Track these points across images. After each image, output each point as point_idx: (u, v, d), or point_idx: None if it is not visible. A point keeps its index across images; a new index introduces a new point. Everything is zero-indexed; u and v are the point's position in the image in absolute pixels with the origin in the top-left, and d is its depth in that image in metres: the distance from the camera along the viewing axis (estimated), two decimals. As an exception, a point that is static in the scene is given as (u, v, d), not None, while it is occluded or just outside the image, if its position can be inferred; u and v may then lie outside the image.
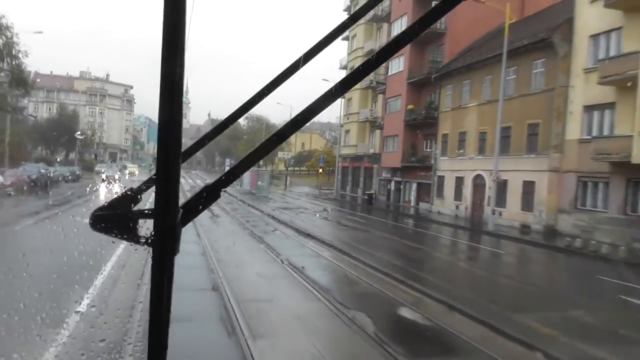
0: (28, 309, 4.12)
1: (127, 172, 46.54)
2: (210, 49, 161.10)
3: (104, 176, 34.11)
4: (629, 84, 15.24)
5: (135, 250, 0.71)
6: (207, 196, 0.69)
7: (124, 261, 8.39)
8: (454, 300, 7.62)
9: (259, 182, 34.10)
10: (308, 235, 14.45)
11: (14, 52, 23.93)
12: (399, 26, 29.54)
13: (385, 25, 34.09)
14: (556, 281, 12.11)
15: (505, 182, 20.62)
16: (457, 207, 24.21)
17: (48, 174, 27.85)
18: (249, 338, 5.37)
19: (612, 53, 16.77)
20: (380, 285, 8.55)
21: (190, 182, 40.96)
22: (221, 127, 0.92)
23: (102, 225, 0.69)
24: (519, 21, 24.03)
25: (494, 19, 22.66)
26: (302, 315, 6.89)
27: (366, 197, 31.06)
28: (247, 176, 40.19)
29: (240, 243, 12.64)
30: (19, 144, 32.01)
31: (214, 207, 23.31)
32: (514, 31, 20.08)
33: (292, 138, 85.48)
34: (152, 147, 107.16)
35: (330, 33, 0.91)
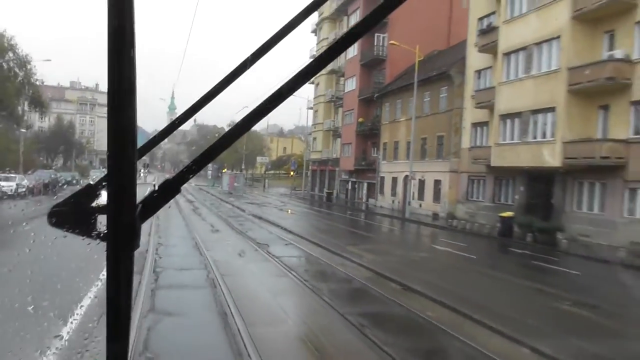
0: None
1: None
2: (197, 57, 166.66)
3: (91, 181, 37.89)
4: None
5: (88, 244, 0.71)
6: (166, 191, 0.70)
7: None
8: (367, 263, 13.76)
9: (236, 184, 40.34)
10: (259, 218, 20.85)
11: (32, 81, 29.96)
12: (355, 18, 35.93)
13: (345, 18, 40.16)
14: (414, 244, 18.59)
15: (423, 181, 27.22)
16: (392, 201, 30.73)
17: (57, 179, 33.81)
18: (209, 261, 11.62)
19: (487, 85, 23.41)
20: (298, 242, 14.83)
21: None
22: (172, 126, 0.96)
23: (57, 220, 0.71)
24: (441, 51, 30.75)
25: (426, 48, 29.07)
26: (239, 247, 13.16)
27: (326, 195, 37.53)
28: (226, 178, 46.52)
29: (213, 222, 18.91)
30: (28, 153, 37.89)
31: (195, 201, 29.51)
32: (433, 61, 26.61)
33: (274, 143, 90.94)
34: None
35: (282, 29, 0.89)
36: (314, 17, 43.85)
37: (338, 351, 5.90)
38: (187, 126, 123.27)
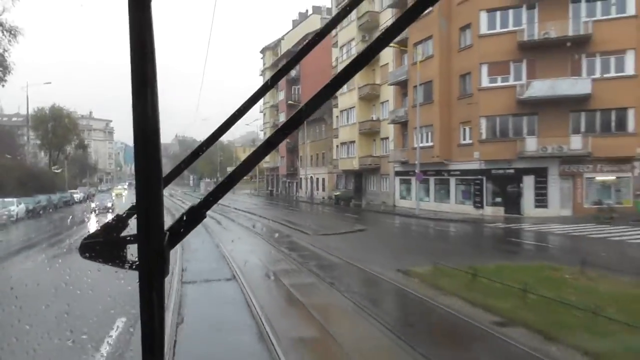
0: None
1: (113, 194, 48.10)
2: (177, 70, 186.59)
3: (94, 205, 35.16)
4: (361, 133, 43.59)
5: (122, 276, 0.77)
6: (192, 217, 0.76)
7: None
8: (283, 220, 35.33)
9: (208, 188, 61.78)
10: (227, 206, 42.44)
11: (78, 131, 50.74)
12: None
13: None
14: (308, 211, 40.09)
15: (318, 179, 49.00)
16: (306, 192, 52.42)
17: (91, 193, 55.07)
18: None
19: (350, 122, 45.01)
20: (249, 215, 36.17)
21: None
22: (196, 153, 0.98)
23: (89, 253, 0.75)
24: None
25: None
26: (218, 219, 34.56)
27: (269, 192, 59.20)
28: (203, 185, 67.95)
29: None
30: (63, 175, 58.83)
31: (184, 200, 50.85)
32: (324, 106, 48.19)
33: (245, 152, 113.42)
34: (129, 168, 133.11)
35: (299, 51, 0.93)
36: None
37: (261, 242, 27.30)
38: (168, 139, 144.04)
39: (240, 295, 9.18)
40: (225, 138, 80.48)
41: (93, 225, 24.61)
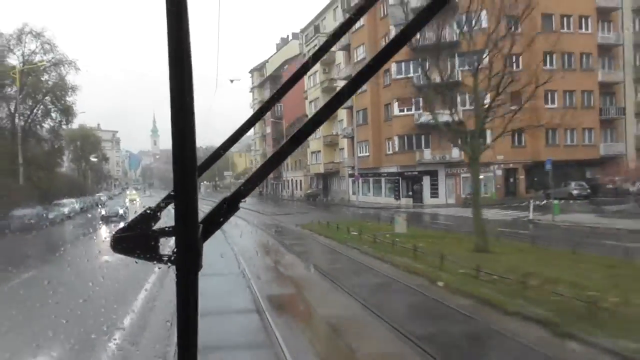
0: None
1: (127, 200, 51.27)
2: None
3: (104, 211, 35.75)
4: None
5: (159, 268, 1.76)
6: (226, 209, 0.77)
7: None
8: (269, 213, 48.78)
9: (207, 190, 75.29)
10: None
11: (99, 147, 64.05)
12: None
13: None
14: (289, 205, 53.51)
15: (297, 180, 62.47)
16: (292, 193, 65.79)
17: (110, 197, 68.65)
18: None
19: (317, 136, 58.53)
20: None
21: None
22: (233, 139, 1.04)
23: (123, 246, 0.76)
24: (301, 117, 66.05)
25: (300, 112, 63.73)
26: None
27: (259, 192, 72.81)
28: (203, 187, 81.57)
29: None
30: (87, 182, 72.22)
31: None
32: (300, 122, 61.61)
33: (242, 158, 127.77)
34: (133, 173, 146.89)
35: (316, 53, 1.00)
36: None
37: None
38: (169, 145, 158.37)
39: (220, 232, 22.60)
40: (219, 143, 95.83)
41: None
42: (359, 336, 8.15)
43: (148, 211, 0.80)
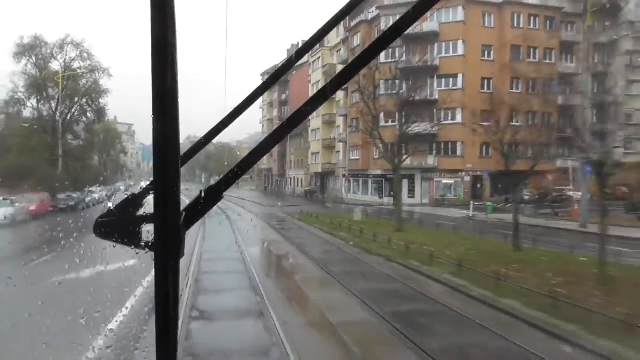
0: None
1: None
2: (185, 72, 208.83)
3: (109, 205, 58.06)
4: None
5: (137, 254, 0.78)
6: (209, 198, 0.78)
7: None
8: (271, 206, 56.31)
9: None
10: (232, 196, 63.79)
11: (119, 140, 71.99)
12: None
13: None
14: (290, 200, 60.97)
15: (299, 178, 69.92)
16: (294, 190, 73.18)
17: (127, 188, 76.63)
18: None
19: (317, 138, 65.74)
20: (248, 202, 57.23)
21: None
22: (217, 130, 1.10)
23: (104, 230, 0.79)
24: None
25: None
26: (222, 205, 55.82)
27: (265, 187, 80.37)
28: (212, 182, 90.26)
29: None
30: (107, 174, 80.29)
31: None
32: (304, 124, 68.96)
33: (246, 152, 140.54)
34: (146, 165, 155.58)
35: (299, 50, 1.08)
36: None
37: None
38: (180, 139, 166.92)
39: (227, 223, 30.05)
40: (233, 139, 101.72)
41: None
42: (286, 256, 15.59)
43: (132, 197, 0.82)
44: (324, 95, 0.87)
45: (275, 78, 1.14)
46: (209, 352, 7.51)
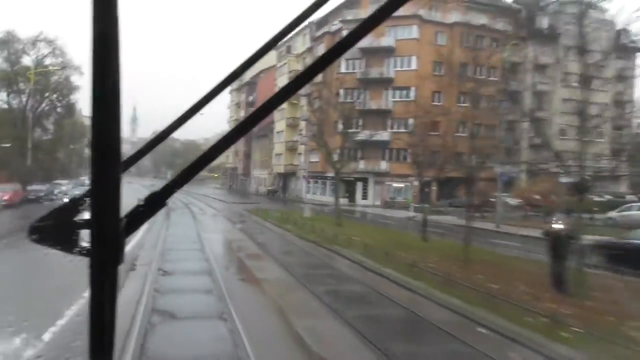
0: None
1: None
2: (151, 69, 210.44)
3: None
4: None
5: (70, 261, 0.77)
6: (151, 205, 0.78)
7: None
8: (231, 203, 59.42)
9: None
10: (193, 193, 66.62)
11: (83, 132, 74.27)
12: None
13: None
14: (253, 198, 64.29)
15: (262, 178, 73.40)
16: (257, 189, 76.57)
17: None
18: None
19: (281, 140, 69.32)
20: (210, 199, 60.18)
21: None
22: (159, 138, 1.07)
23: (38, 236, 0.77)
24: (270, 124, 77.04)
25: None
26: (186, 200, 58.59)
27: (230, 186, 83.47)
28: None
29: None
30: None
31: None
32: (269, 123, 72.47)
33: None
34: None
35: (260, 49, 1.09)
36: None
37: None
38: (147, 134, 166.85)
39: (189, 215, 33.37)
40: (201, 136, 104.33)
41: None
42: (234, 240, 19.25)
43: (72, 201, 0.79)
44: (270, 107, 0.87)
45: (232, 78, 1.12)
46: (170, 288, 11.13)
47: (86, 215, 0.73)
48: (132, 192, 1.38)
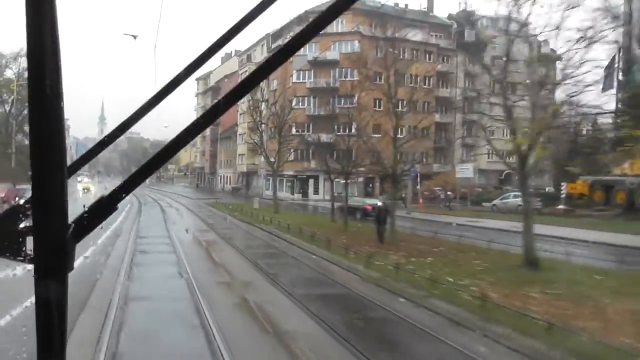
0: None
1: (79, 187, 54.00)
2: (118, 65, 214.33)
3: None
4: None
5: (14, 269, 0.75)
6: (100, 210, 0.76)
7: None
8: (200, 199, 66.49)
9: (148, 180, 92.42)
10: (163, 191, 73.54)
11: None
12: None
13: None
14: (220, 195, 71.52)
15: (229, 176, 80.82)
16: (223, 186, 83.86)
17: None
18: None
19: (243, 142, 76.77)
20: (178, 196, 67.24)
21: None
22: (102, 142, 1.10)
23: None
24: (232, 127, 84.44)
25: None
26: (155, 197, 65.53)
27: (197, 185, 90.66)
28: (147, 181, 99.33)
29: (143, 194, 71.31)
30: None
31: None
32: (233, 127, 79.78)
33: (187, 152, 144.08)
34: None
35: (214, 44, 1.08)
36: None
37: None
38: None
39: (158, 207, 40.84)
40: (166, 137, 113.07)
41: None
42: (190, 222, 26.98)
43: (14, 207, 0.78)
44: (217, 110, 0.91)
45: (185, 75, 1.14)
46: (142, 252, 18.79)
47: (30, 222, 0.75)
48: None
